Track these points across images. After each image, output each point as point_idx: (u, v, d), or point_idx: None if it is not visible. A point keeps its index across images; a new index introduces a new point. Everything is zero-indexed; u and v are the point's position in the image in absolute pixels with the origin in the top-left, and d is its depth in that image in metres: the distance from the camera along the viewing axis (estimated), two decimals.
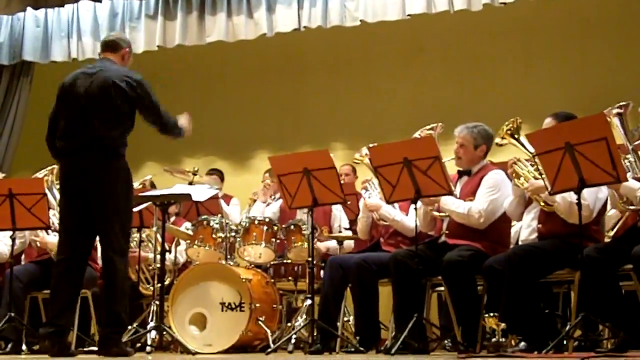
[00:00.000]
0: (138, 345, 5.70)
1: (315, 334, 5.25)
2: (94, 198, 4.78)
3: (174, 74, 9.12)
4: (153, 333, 5.64)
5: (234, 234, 6.12)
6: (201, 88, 9.22)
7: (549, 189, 4.43)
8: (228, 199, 7.66)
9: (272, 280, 6.04)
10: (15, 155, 8.72)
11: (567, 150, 4.24)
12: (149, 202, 5.85)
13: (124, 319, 4.79)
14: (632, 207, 4.47)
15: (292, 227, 6.09)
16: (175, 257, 6.52)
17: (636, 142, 4.56)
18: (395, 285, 5.16)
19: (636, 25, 7.69)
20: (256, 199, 7.11)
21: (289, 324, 5.96)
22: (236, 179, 8.60)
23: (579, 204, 4.31)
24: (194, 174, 6.78)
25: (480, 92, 8.13)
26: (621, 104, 4.57)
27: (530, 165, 4.77)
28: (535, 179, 4.71)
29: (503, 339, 4.40)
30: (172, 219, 6.77)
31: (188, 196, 5.73)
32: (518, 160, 4.82)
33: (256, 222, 6.15)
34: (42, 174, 6.11)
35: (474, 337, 4.86)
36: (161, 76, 8.84)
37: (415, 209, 5.08)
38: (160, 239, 5.73)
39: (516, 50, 8.14)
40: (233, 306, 5.66)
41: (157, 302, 5.63)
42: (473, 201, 5.13)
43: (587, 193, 4.44)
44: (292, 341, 5.53)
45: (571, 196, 4.46)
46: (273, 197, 6.99)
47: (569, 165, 4.25)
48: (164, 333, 5.50)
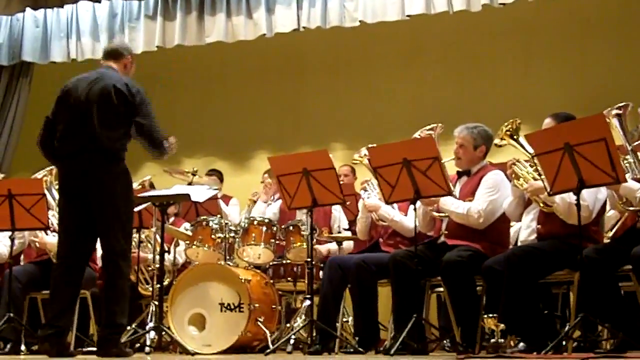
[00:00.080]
0: (137, 345, 5.69)
1: (314, 334, 5.25)
2: (93, 200, 4.77)
3: (174, 74, 9.13)
4: (152, 333, 5.65)
5: (233, 234, 6.11)
6: (201, 88, 9.22)
7: (548, 189, 4.42)
8: (227, 199, 7.66)
9: (271, 281, 6.03)
10: (15, 155, 8.71)
11: (566, 150, 4.23)
12: (148, 203, 5.85)
13: (123, 319, 4.79)
14: (631, 208, 4.46)
15: (291, 228, 6.09)
16: (174, 257, 6.52)
17: (635, 143, 4.56)
18: (394, 286, 5.16)
19: (636, 25, 7.68)
20: (256, 199, 7.10)
21: (288, 325, 5.96)
22: (236, 179, 8.59)
23: (578, 204, 4.31)
24: (193, 174, 6.78)
25: (479, 92, 8.12)
26: (620, 104, 4.57)
27: (530, 166, 4.76)
28: (534, 179, 4.71)
29: (502, 340, 4.39)
30: (171, 219, 6.78)
31: (187, 197, 5.72)
32: (517, 161, 4.82)
33: (255, 222, 6.14)
34: (41, 174, 6.10)
35: (473, 337, 4.85)
36: (161, 76, 8.88)
37: (415, 209, 5.07)
38: (159, 240, 5.73)
39: (516, 51, 8.13)
40: (232, 307, 5.65)
41: (156, 303, 5.63)
42: (472, 201, 5.12)
43: (586, 194, 4.44)
44: (291, 342, 5.54)
45: (570, 197, 4.45)
46: (273, 198, 6.98)
47: (568, 165, 4.24)
48: (163, 333, 5.50)
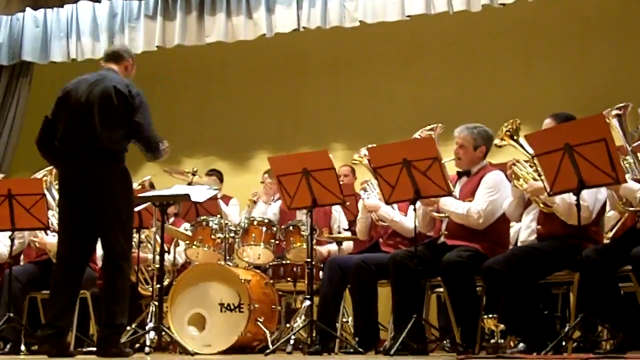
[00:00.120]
0: (137, 345, 5.69)
1: (314, 334, 5.25)
2: (94, 200, 4.77)
3: (174, 74, 9.13)
4: (152, 334, 5.64)
5: (233, 234, 6.12)
6: (201, 88, 9.21)
7: (548, 190, 4.41)
8: (227, 199, 7.66)
9: (271, 281, 6.03)
10: (15, 155, 8.71)
11: (566, 151, 4.23)
12: (148, 203, 5.85)
13: (123, 320, 4.79)
14: (631, 209, 4.46)
15: (291, 228, 6.09)
16: (174, 257, 6.51)
17: (635, 144, 4.55)
18: (394, 286, 5.15)
19: (636, 25, 7.67)
20: (256, 199, 7.10)
21: (287, 325, 5.96)
22: (236, 179, 8.58)
23: (578, 205, 4.31)
24: (193, 174, 6.77)
25: (479, 92, 8.12)
26: (620, 105, 4.57)
27: (530, 166, 4.76)
28: (534, 180, 4.70)
29: (502, 340, 4.39)
30: (171, 219, 6.77)
31: (187, 197, 5.71)
32: (517, 161, 4.81)
33: (255, 222, 6.15)
34: (41, 174, 6.10)
35: (473, 338, 4.85)
36: (161, 76, 8.88)
37: (415, 209, 5.07)
38: (159, 240, 5.72)
39: (516, 51, 8.12)
40: (232, 307, 5.65)
41: (156, 303, 5.63)
42: (472, 202, 5.12)
43: (586, 194, 4.43)
44: (291, 342, 5.54)
45: (570, 197, 4.45)
46: (273, 198, 6.98)
47: (568, 166, 4.24)
48: (162, 334, 5.49)
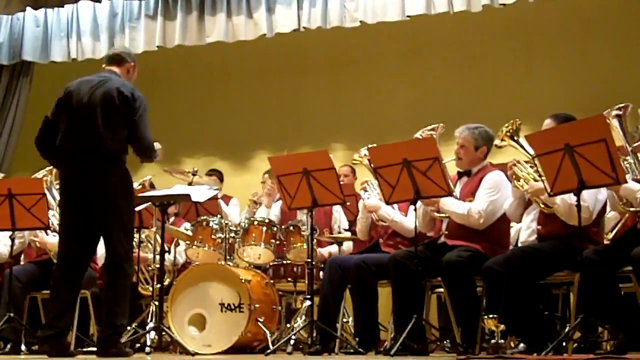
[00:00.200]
0: (137, 345, 5.70)
1: (314, 335, 5.25)
2: (95, 200, 4.77)
3: (174, 74, 9.14)
4: (152, 333, 5.64)
5: (233, 234, 6.11)
6: (201, 88, 9.21)
7: (549, 190, 4.41)
8: (227, 199, 7.66)
9: (272, 281, 6.03)
10: (15, 155, 8.72)
11: (566, 151, 4.23)
12: (148, 203, 5.84)
13: (123, 320, 4.79)
14: (631, 209, 4.46)
15: (291, 228, 6.08)
16: (174, 257, 6.52)
17: (635, 144, 4.55)
18: (394, 286, 5.15)
19: (636, 25, 7.67)
20: (255, 199, 7.10)
21: (288, 325, 5.95)
22: (236, 179, 8.59)
23: (578, 205, 4.31)
24: (193, 174, 6.77)
25: (480, 92, 8.12)
26: (620, 105, 4.57)
27: (530, 166, 4.76)
28: (534, 180, 4.70)
29: (502, 341, 4.39)
30: (172, 219, 6.77)
31: (187, 197, 5.72)
32: (517, 162, 4.81)
33: (255, 222, 6.14)
34: (41, 174, 6.11)
35: (473, 338, 4.85)
36: (161, 76, 8.89)
37: (415, 209, 5.07)
38: (159, 240, 5.73)
39: (516, 51, 8.13)
40: (232, 307, 5.65)
41: (157, 303, 5.63)
42: (473, 202, 5.12)
43: (586, 195, 4.43)
44: (292, 342, 5.53)
45: (571, 198, 4.45)
46: (274, 200, 6.97)
47: (569, 166, 4.24)
48: (163, 333, 5.50)
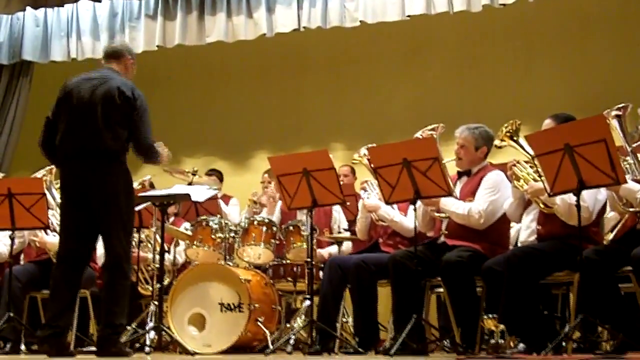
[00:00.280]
0: (137, 345, 5.69)
1: (314, 334, 5.25)
2: (95, 200, 4.77)
3: (174, 74, 9.14)
4: (152, 333, 5.63)
5: (233, 234, 6.11)
6: (201, 88, 9.21)
7: (549, 190, 4.41)
8: (227, 199, 7.66)
9: (271, 281, 6.03)
10: (15, 154, 8.72)
11: (566, 151, 4.23)
12: (148, 203, 5.84)
13: (123, 319, 4.78)
14: (631, 209, 4.46)
15: (291, 228, 6.09)
16: (174, 257, 6.52)
17: (635, 144, 4.55)
18: (394, 286, 5.15)
19: (636, 24, 7.67)
20: (255, 199, 7.10)
21: (287, 325, 5.96)
22: (236, 179, 8.59)
23: (578, 205, 4.31)
24: (193, 174, 6.77)
25: (480, 92, 8.12)
26: (620, 105, 4.56)
27: (530, 167, 4.76)
28: (534, 180, 4.70)
29: (502, 341, 4.39)
30: (171, 219, 6.77)
31: (187, 196, 5.71)
32: (517, 162, 4.81)
33: (255, 222, 6.14)
34: (41, 173, 6.11)
35: (472, 338, 4.85)
36: (161, 76, 8.88)
37: (415, 209, 5.07)
38: (159, 239, 5.73)
39: (516, 51, 8.12)
40: (232, 307, 5.66)
41: (156, 303, 5.63)
42: (473, 202, 5.12)
43: (586, 195, 4.43)
44: (291, 342, 5.52)
45: (570, 198, 4.45)
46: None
47: (569, 166, 4.24)
48: (162, 333, 5.50)
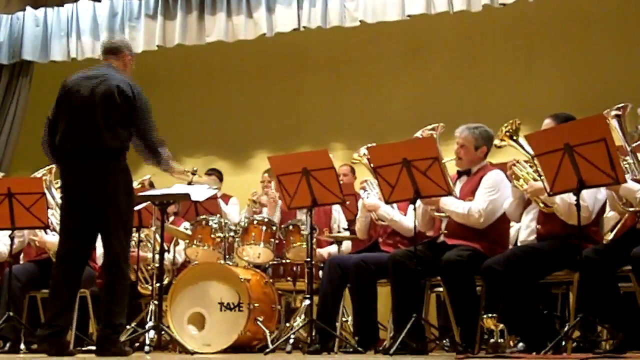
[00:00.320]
0: (136, 344, 5.70)
1: (313, 334, 5.25)
2: (95, 199, 4.77)
3: (174, 74, 9.14)
4: (151, 333, 5.63)
5: (232, 233, 6.11)
6: (201, 88, 9.22)
7: (548, 190, 4.42)
8: (227, 198, 7.66)
9: (271, 280, 6.03)
10: (15, 154, 8.72)
11: (566, 151, 4.23)
12: (148, 202, 5.84)
13: (122, 319, 4.79)
14: (631, 209, 4.46)
15: (290, 227, 6.08)
16: (173, 256, 6.52)
17: (635, 144, 4.55)
18: (393, 286, 5.15)
19: (636, 24, 7.67)
20: (255, 199, 7.10)
21: (287, 324, 5.95)
22: (236, 178, 8.59)
23: (578, 205, 4.31)
24: (193, 173, 6.75)
25: (480, 92, 8.12)
26: (619, 105, 4.56)
27: (530, 166, 4.76)
28: (534, 180, 4.70)
29: (501, 340, 4.40)
30: (171, 218, 6.77)
31: (187, 196, 5.72)
32: (517, 161, 4.81)
33: (255, 222, 6.14)
34: (40, 173, 6.10)
35: (472, 337, 4.85)
36: (161, 76, 8.89)
37: (414, 209, 5.07)
38: (159, 239, 5.73)
39: (516, 51, 8.12)
40: (232, 306, 5.66)
41: (156, 302, 5.63)
42: (473, 201, 5.12)
43: (586, 194, 4.44)
44: (291, 341, 5.52)
45: (570, 197, 4.45)
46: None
47: (568, 166, 4.24)
48: (162, 333, 5.50)
